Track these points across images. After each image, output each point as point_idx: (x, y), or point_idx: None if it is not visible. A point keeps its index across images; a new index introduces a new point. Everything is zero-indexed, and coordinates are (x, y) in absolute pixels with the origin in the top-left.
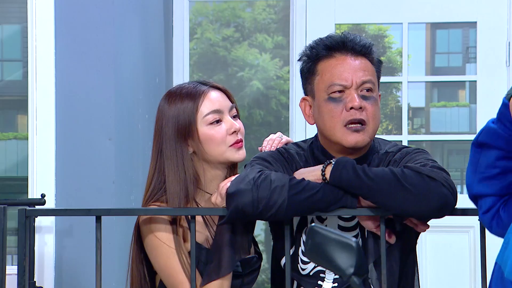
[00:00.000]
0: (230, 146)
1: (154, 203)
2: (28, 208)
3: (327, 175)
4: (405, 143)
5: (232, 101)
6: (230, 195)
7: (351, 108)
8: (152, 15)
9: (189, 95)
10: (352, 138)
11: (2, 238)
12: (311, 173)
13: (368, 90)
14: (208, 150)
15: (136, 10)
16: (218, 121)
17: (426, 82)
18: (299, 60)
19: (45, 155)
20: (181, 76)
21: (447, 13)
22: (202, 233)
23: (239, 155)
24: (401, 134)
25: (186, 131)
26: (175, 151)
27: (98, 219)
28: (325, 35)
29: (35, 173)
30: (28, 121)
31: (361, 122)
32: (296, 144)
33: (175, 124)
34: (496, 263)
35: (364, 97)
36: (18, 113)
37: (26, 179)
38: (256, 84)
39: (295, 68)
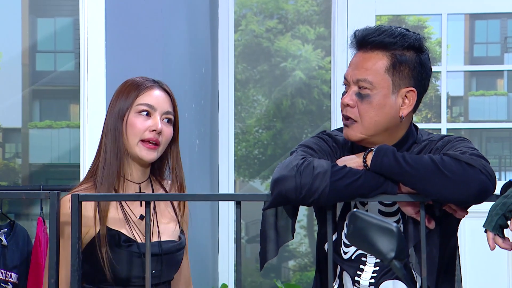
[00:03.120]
0: (142, 141)
1: (80, 186)
2: (80, 193)
3: (368, 162)
4: (444, 131)
5: (174, 109)
6: (274, 181)
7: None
8: (199, 7)
9: (138, 85)
10: (344, 133)
11: (56, 223)
12: (353, 160)
13: (364, 88)
14: (128, 136)
15: (183, 3)
16: (148, 114)
17: (464, 71)
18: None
19: (96, 143)
20: (226, 66)
21: (485, 4)
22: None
23: (147, 155)
24: (440, 122)
25: (123, 113)
26: (114, 125)
27: (148, 205)
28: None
29: (87, 160)
30: (80, 110)
31: (348, 118)
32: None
33: (119, 105)
34: None
35: (359, 95)
36: (70, 103)
37: (78, 166)
38: (299, 74)
39: (337, 58)
